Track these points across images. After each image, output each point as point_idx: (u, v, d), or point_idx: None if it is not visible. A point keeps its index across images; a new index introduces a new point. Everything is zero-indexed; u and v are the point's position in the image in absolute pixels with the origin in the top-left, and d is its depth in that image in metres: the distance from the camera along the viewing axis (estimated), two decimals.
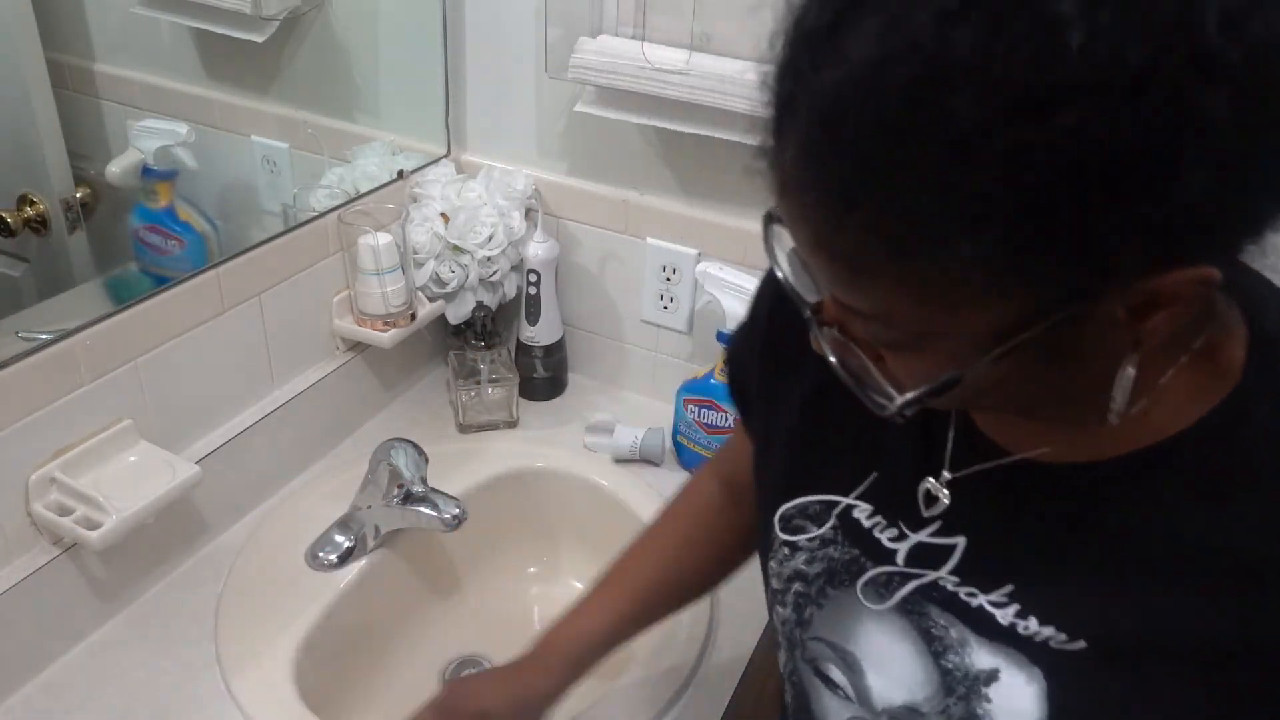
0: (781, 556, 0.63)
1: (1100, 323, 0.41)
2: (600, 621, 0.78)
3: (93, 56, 1.03)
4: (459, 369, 1.21)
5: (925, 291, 0.40)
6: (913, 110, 0.36)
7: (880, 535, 0.58)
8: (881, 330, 0.44)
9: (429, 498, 0.96)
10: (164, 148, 1.04)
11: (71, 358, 0.84)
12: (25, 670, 0.86)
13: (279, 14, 1.08)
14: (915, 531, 0.56)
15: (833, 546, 0.60)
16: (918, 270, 0.39)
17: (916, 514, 0.56)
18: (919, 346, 0.44)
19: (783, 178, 0.42)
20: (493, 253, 1.16)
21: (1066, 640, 0.49)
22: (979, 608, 0.52)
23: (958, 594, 0.53)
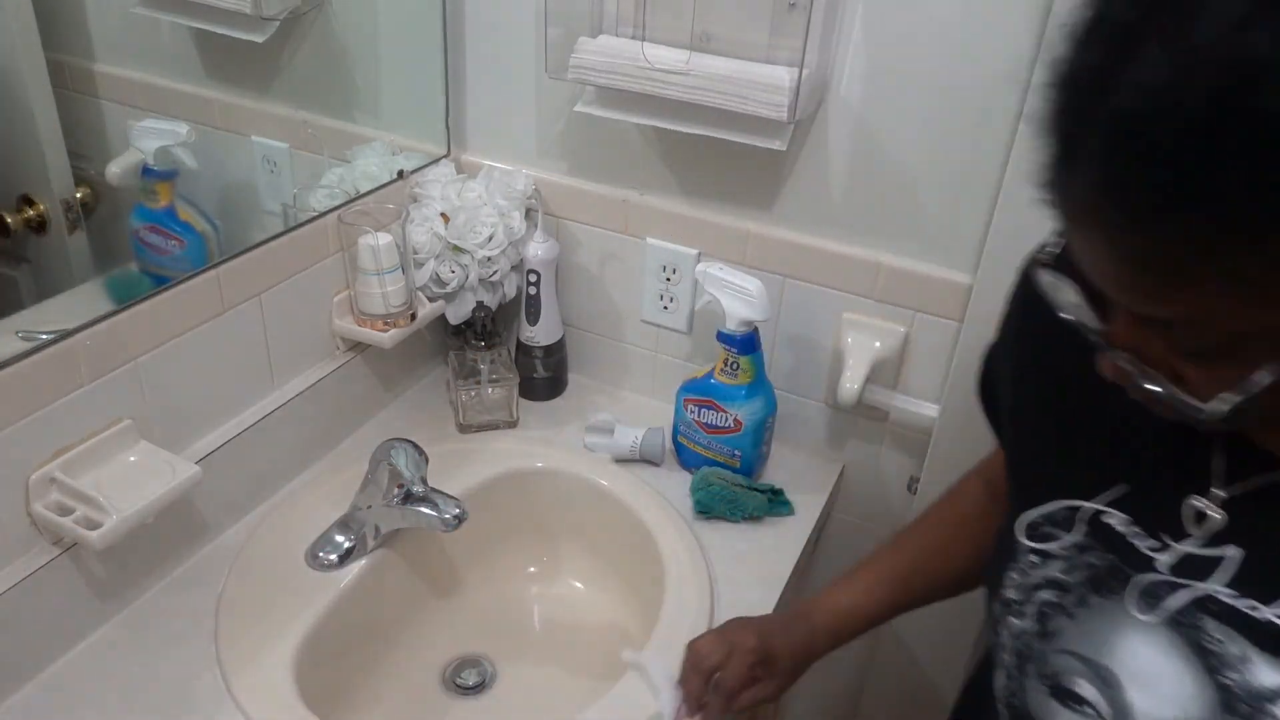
0: (1027, 564, 0.62)
1: None
2: (859, 601, 0.83)
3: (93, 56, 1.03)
4: (459, 369, 1.21)
5: (1243, 289, 0.40)
6: (1221, 114, 0.37)
7: (1137, 543, 0.57)
8: (1190, 338, 0.44)
9: (429, 498, 0.96)
10: (164, 148, 1.04)
11: (71, 358, 0.84)
12: (25, 670, 0.86)
13: (279, 14, 1.08)
14: (1178, 542, 0.55)
15: (1090, 553, 0.59)
16: (1236, 268, 0.39)
17: (1179, 528, 0.55)
18: (1230, 351, 0.43)
19: (1076, 208, 0.43)
20: (493, 253, 1.16)
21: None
22: (1266, 621, 0.51)
23: (1237, 607, 0.52)
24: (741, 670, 0.80)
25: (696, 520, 1.10)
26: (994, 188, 0.97)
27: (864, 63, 0.99)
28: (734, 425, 1.11)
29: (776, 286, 1.13)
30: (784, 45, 0.97)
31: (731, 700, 0.80)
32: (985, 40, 0.92)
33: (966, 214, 1.00)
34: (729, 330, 1.07)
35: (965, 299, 1.02)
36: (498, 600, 1.13)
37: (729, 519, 1.09)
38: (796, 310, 1.14)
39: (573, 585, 1.15)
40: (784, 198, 1.09)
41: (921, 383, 1.11)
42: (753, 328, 1.07)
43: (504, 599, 1.14)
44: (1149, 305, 0.44)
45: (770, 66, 0.96)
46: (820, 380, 1.18)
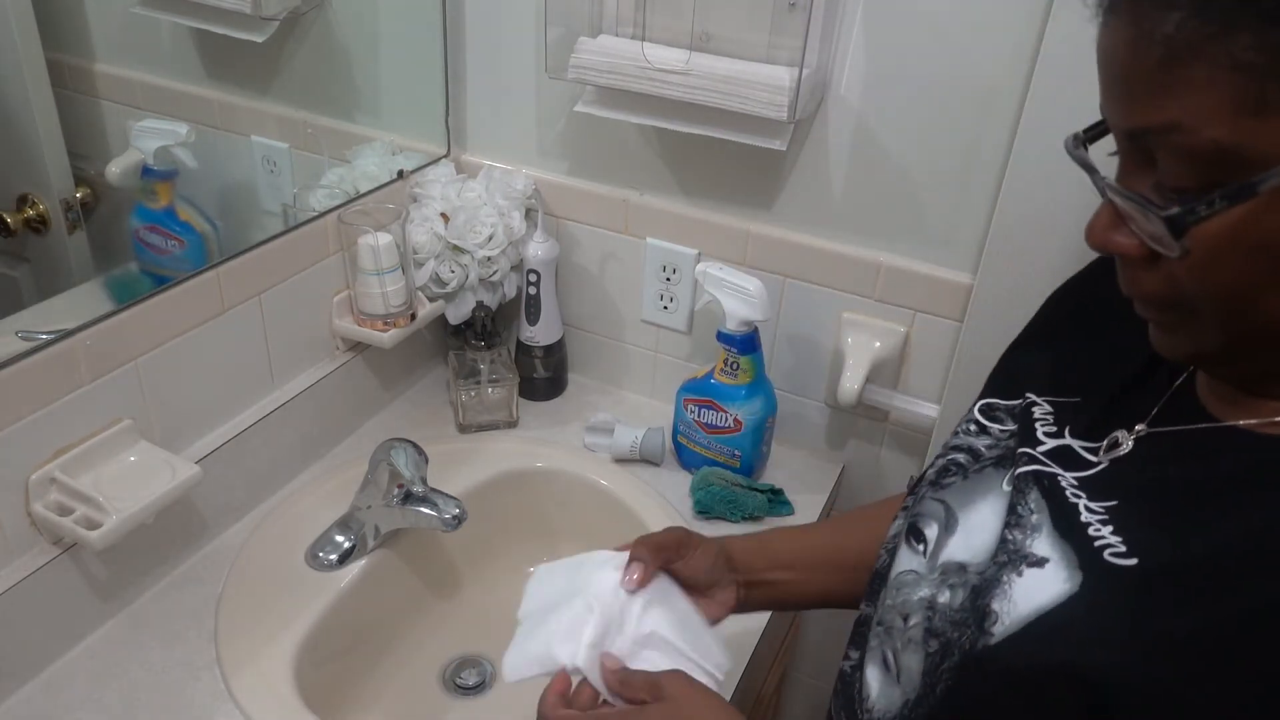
0: (963, 431, 0.66)
1: None
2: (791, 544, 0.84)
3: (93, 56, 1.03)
4: (459, 369, 1.21)
5: (1239, 82, 0.40)
6: None
7: (1039, 428, 0.60)
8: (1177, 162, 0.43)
9: (429, 498, 0.96)
10: (164, 148, 1.04)
11: (71, 358, 0.84)
12: (25, 670, 0.86)
13: (279, 14, 1.08)
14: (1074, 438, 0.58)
15: (1013, 438, 0.62)
16: (1238, 48, 0.39)
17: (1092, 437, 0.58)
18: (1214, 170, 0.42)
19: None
20: (493, 253, 1.16)
21: (1124, 554, 0.50)
22: (1074, 505, 0.54)
23: (1066, 490, 0.55)
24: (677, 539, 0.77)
25: (696, 520, 1.10)
26: (994, 187, 0.97)
27: (864, 62, 0.99)
28: (734, 425, 1.11)
29: (776, 286, 1.13)
30: (784, 45, 0.97)
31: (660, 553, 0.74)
32: (985, 39, 0.92)
33: (967, 213, 1.00)
34: (729, 330, 1.07)
35: (965, 299, 1.02)
36: (498, 600, 1.13)
37: (729, 519, 1.09)
38: (796, 310, 1.14)
39: None
40: (784, 197, 1.09)
41: (922, 383, 1.11)
42: (753, 328, 1.07)
43: (504, 599, 1.13)
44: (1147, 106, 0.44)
45: (770, 66, 0.96)
46: (820, 380, 1.17)
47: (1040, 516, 0.55)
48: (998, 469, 0.61)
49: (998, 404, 0.67)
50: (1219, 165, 0.42)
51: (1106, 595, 0.49)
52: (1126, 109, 0.45)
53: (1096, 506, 0.53)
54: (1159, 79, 0.43)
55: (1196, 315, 0.48)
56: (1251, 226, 0.43)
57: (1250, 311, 0.46)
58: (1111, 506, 0.53)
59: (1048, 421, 0.61)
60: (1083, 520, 0.53)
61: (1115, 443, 0.56)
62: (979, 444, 0.65)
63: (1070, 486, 0.55)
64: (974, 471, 0.63)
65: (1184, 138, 0.42)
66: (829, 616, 1.33)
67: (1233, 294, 0.46)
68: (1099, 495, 0.54)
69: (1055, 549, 0.53)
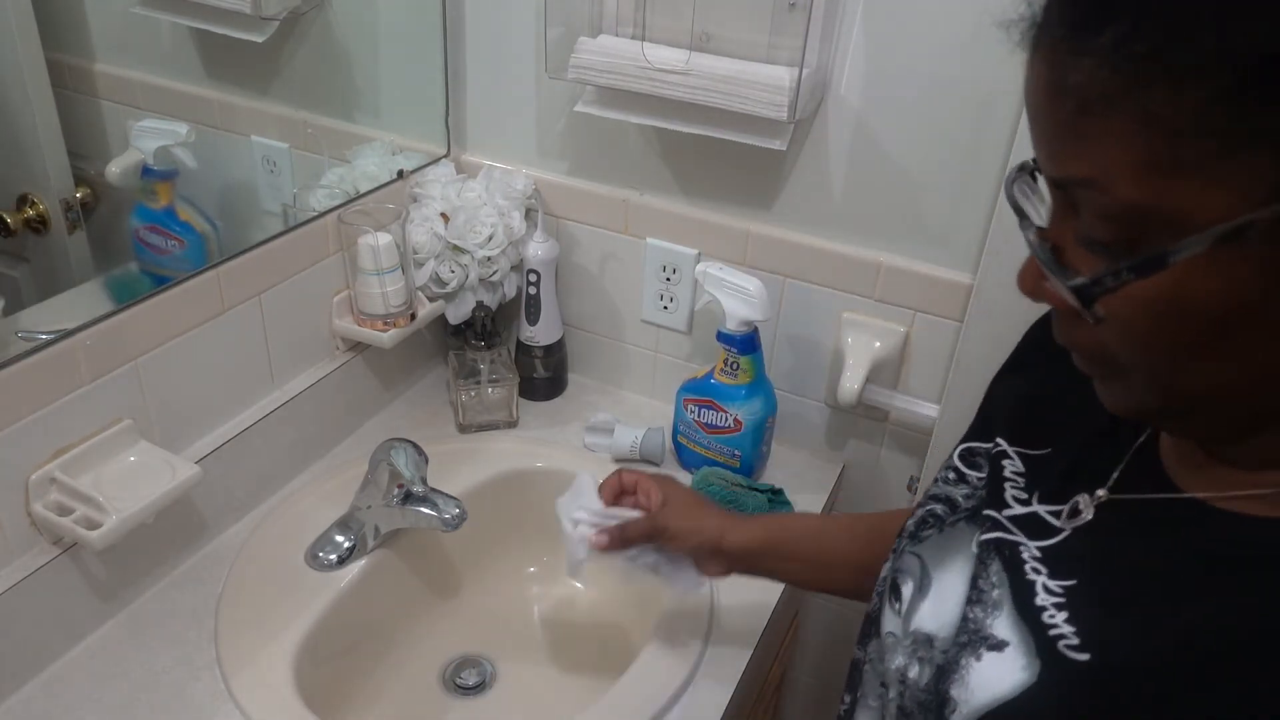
0: (943, 479, 0.65)
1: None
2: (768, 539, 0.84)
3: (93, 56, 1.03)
4: (459, 369, 1.21)
5: (1153, 141, 0.38)
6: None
7: (1009, 488, 0.59)
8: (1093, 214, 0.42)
9: (429, 498, 0.96)
10: (164, 148, 1.04)
11: (71, 358, 0.84)
12: (25, 670, 0.86)
13: (279, 14, 1.08)
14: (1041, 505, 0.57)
15: (980, 493, 0.61)
16: (1153, 101, 0.37)
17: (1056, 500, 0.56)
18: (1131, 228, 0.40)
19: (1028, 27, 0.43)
20: (493, 253, 1.16)
21: (1077, 648, 0.48)
22: (1031, 583, 0.52)
23: (1026, 564, 0.53)
24: None
25: None
26: (994, 187, 0.97)
27: (863, 62, 0.99)
28: (734, 425, 1.11)
29: (776, 286, 1.13)
30: (783, 45, 0.97)
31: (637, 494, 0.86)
32: (984, 40, 0.92)
33: (966, 213, 1.00)
34: (729, 330, 1.07)
35: (965, 299, 1.02)
36: (498, 600, 1.13)
37: None
38: (796, 310, 1.14)
39: (573, 585, 1.15)
40: (784, 197, 1.09)
41: (922, 383, 1.11)
42: (753, 327, 1.07)
43: (504, 599, 1.14)
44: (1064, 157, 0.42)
45: (770, 66, 0.96)
46: (820, 380, 1.17)
47: (1001, 592, 0.53)
48: (970, 524, 0.60)
49: (977, 448, 0.65)
50: (1135, 224, 0.40)
51: (1063, 690, 0.47)
52: (1047, 156, 0.43)
53: (1055, 586, 0.51)
54: (1073, 129, 0.41)
55: (1128, 374, 0.46)
56: (1169, 294, 0.41)
57: (1183, 375, 0.44)
58: (1069, 587, 0.51)
59: (1018, 483, 0.59)
60: (1038, 604, 0.51)
61: (1076, 509, 0.55)
62: (956, 494, 0.63)
63: (1032, 559, 0.54)
64: (949, 525, 0.61)
65: (1098, 194, 0.41)
66: (829, 617, 1.33)
67: (1160, 357, 0.44)
68: (1059, 572, 0.52)
69: (1015, 632, 0.51)
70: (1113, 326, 0.43)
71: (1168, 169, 0.38)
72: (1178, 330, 0.42)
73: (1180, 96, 0.37)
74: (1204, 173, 0.38)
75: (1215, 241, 0.38)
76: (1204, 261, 0.39)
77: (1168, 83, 0.37)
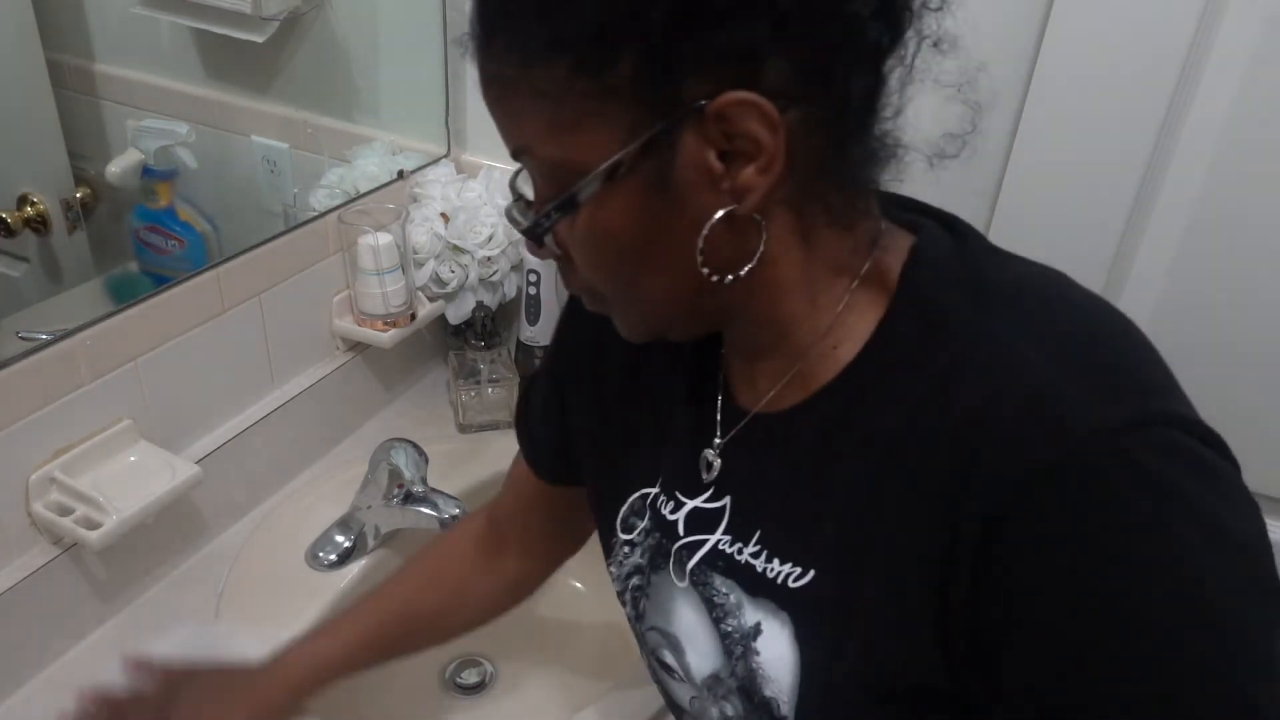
0: (621, 556, 0.66)
1: (690, 157, 0.46)
2: (333, 650, 0.78)
3: (93, 56, 1.03)
4: (459, 369, 1.21)
5: (546, 106, 0.47)
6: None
7: (664, 511, 0.61)
8: (533, 165, 0.50)
9: (429, 498, 0.96)
10: (164, 148, 1.04)
11: (71, 358, 0.84)
12: (26, 670, 0.86)
13: (279, 14, 1.08)
14: (690, 499, 0.60)
15: (651, 535, 0.63)
16: (538, 79, 0.46)
17: (696, 483, 0.60)
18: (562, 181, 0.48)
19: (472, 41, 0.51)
20: (493, 253, 1.16)
21: (800, 575, 0.53)
22: (745, 563, 0.56)
23: (732, 555, 0.56)
24: None
25: None
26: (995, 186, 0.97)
27: None
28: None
29: None
30: None
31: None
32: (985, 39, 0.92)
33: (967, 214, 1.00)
34: None
35: None
36: None
37: None
38: None
39: (573, 585, 1.15)
40: None
41: None
42: None
43: None
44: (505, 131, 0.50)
45: None
46: None
47: (734, 591, 0.56)
48: (657, 571, 0.62)
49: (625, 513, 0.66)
50: (559, 177, 0.48)
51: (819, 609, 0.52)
52: (501, 135, 0.51)
53: (752, 548, 0.55)
54: (501, 109, 0.50)
55: (611, 302, 0.55)
56: (595, 226, 0.49)
57: (639, 289, 0.52)
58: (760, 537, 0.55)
59: (662, 500, 0.62)
60: (749, 566, 0.55)
61: (709, 464, 0.59)
62: (637, 560, 0.64)
63: (726, 544, 0.57)
64: (649, 586, 0.63)
65: (530, 158, 0.50)
66: None
67: (616, 279, 0.52)
68: (744, 535, 0.56)
69: (758, 607, 0.55)
70: (579, 261, 0.52)
71: (563, 129, 0.47)
72: (613, 254, 0.50)
73: (552, 71, 0.45)
74: (585, 127, 0.46)
75: (604, 179, 0.47)
76: (604, 197, 0.47)
77: (542, 63, 0.46)
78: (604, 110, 0.45)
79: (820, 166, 0.48)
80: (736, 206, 0.47)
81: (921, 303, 0.51)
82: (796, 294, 0.52)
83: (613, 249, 0.50)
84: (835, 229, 0.51)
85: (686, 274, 0.50)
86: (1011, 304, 0.50)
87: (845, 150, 0.49)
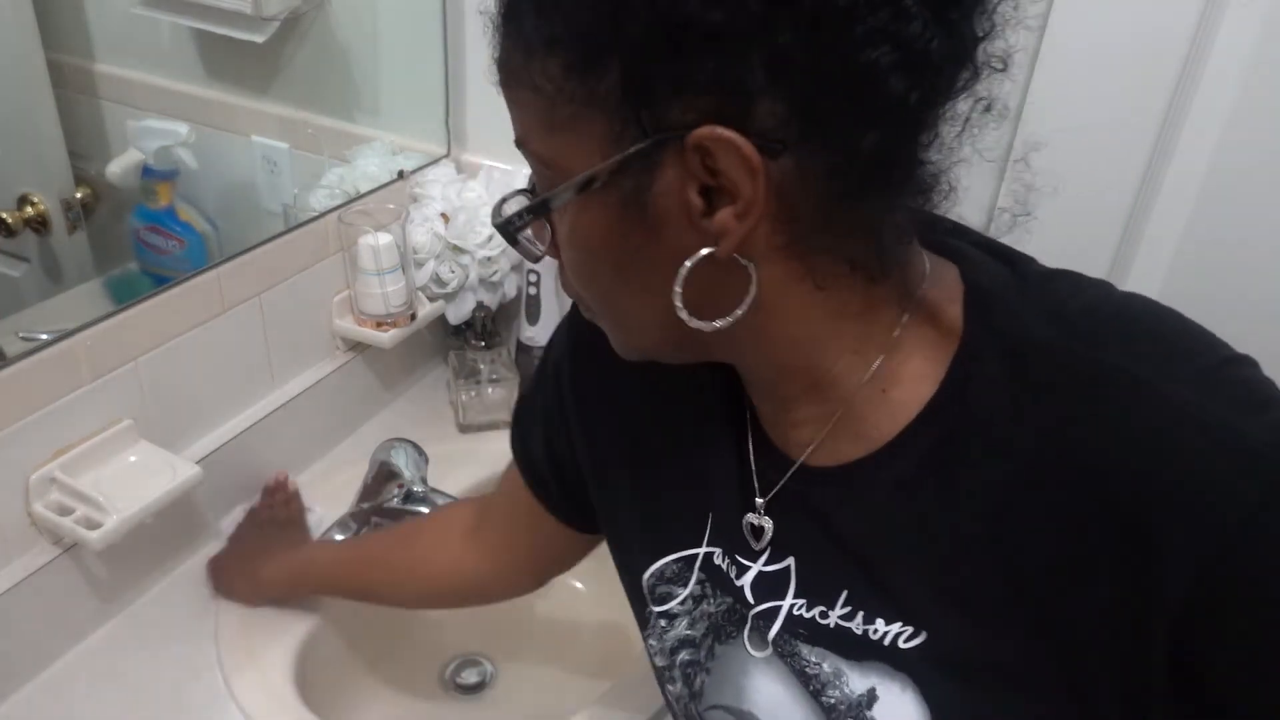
0: (660, 630, 0.61)
1: (668, 186, 0.43)
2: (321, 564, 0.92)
3: (93, 56, 1.03)
4: (459, 369, 1.21)
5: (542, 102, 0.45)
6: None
7: (731, 575, 0.56)
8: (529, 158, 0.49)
9: (429, 498, 0.96)
10: (164, 148, 1.04)
11: (71, 358, 0.84)
12: (25, 670, 0.86)
13: (279, 14, 1.08)
14: (751, 562, 0.55)
15: (707, 601, 0.58)
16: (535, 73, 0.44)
17: (746, 546, 0.55)
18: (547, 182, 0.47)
19: None
20: (493, 253, 1.16)
21: (912, 635, 0.49)
22: (834, 627, 0.51)
23: (814, 619, 0.52)
24: None
25: None
26: (994, 187, 0.97)
27: None
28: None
29: None
30: None
31: None
32: None
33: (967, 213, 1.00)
34: None
35: None
36: None
37: None
38: None
39: (573, 585, 1.15)
40: None
41: None
42: None
43: None
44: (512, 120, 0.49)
45: None
46: None
47: (827, 659, 0.52)
48: (724, 643, 0.57)
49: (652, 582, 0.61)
50: (550, 177, 0.47)
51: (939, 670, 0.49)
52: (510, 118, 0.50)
53: (840, 611, 0.51)
54: (508, 94, 0.48)
55: (598, 314, 0.52)
56: (572, 235, 0.47)
57: (619, 313, 0.51)
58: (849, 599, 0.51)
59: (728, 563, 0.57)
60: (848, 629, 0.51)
61: (756, 528, 0.55)
62: (684, 632, 0.59)
63: (803, 609, 0.53)
64: (709, 660, 0.58)
65: (527, 151, 0.48)
66: None
67: (596, 295, 0.50)
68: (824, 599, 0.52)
69: (866, 672, 0.51)
70: (566, 266, 0.50)
71: (555, 128, 0.45)
72: (591, 268, 0.49)
73: (548, 68, 0.44)
74: (573, 131, 0.44)
75: (577, 190, 0.45)
76: (580, 206, 0.46)
77: (540, 58, 0.44)
78: (590, 117, 0.43)
79: (826, 219, 0.44)
80: (715, 250, 0.44)
81: (1000, 339, 0.46)
82: (819, 339, 0.48)
83: (591, 262, 0.48)
84: (860, 280, 0.47)
85: (666, 307, 0.46)
86: (1106, 326, 0.46)
87: (861, 203, 0.44)
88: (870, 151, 0.42)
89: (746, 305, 0.45)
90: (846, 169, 0.42)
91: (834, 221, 0.44)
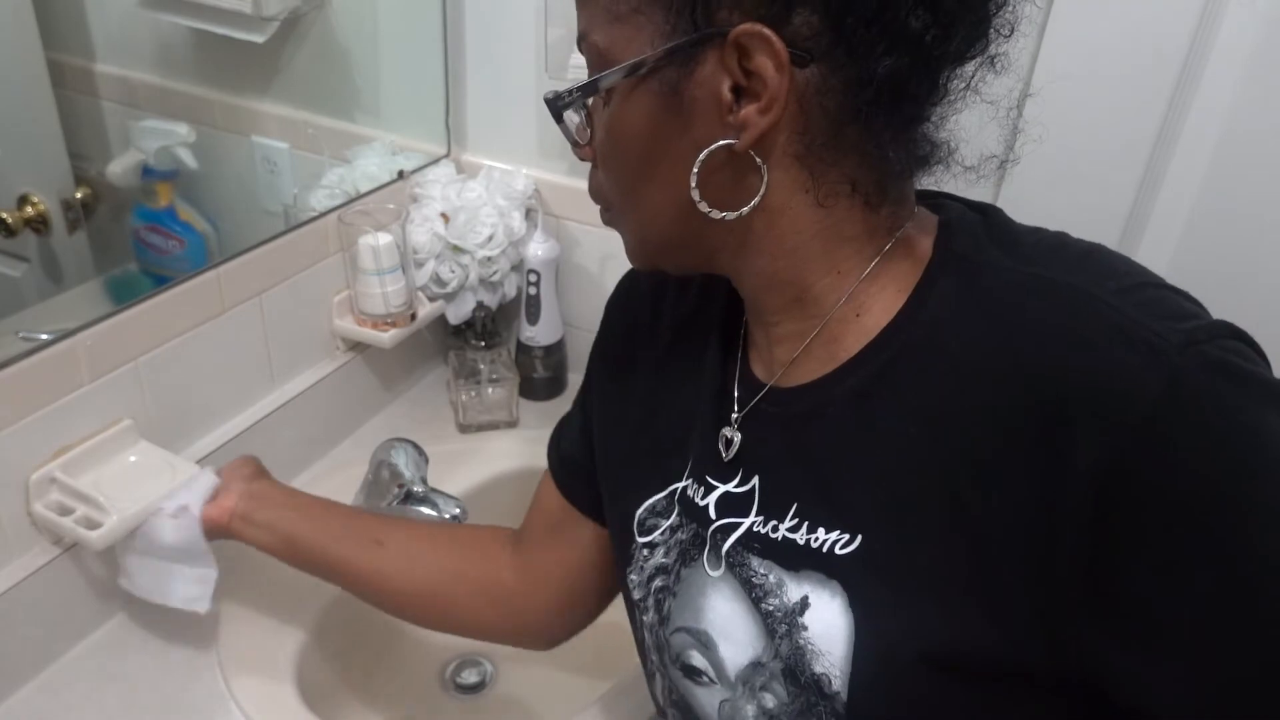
0: (641, 560, 0.64)
1: (705, 78, 0.48)
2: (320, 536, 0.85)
3: (93, 56, 1.03)
4: (459, 369, 1.21)
5: None
6: None
7: (696, 498, 0.60)
8: (588, 52, 0.53)
9: (429, 498, 0.96)
10: (164, 148, 1.04)
11: (72, 358, 0.84)
12: (26, 670, 0.86)
13: (279, 14, 1.08)
14: (720, 483, 0.59)
15: (682, 530, 0.61)
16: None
17: (720, 464, 0.59)
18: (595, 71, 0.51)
19: None
20: (493, 253, 1.16)
21: (848, 541, 0.52)
22: (782, 539, 0.55)
23: (767, 534, 0.56)
24: None
25: None
26: (994, 186, 0.97)
27: None
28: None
29: None
30: None
31: None
32: None
33: None
34: None
35: None
36: None
37: None
38: None
39: None
40: None
41: None
42: None
43: None
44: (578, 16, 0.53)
45: None
46: None
47: (772, 570, 0.55)
48: (688, 566, 0.60)
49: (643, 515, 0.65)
50: (601, 67, 0.51)
51: (870, 574, 0.51)
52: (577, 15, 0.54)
53: (789, 523, 0.55)
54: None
55: (615, 213, 0.57)
56: (614, 120, 0.52)
57: (637, 205, 0.55)
58: (797, 510, 0.54)
59: (693, 487, 0.61)
60: (790, 539, 0.54)
61: (728, 441, 0.59)
62: (661, 560, 0.62)
63: (760, 525, 0.56)
64: (676, 584, 0.61)
65: (587, 44, 0.52)
66: None
67: (619, 187, 0.55)
68: (778, 513, 0.55)
69: (802, 583, 0.53)
70: (599, 159, 0.55)
71: (615, 18, 0.50)
72: (621, 157, 0.53)
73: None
74: (630, 23, 0.49)
75: (625, 74, 0.50)
76: (625, 92, 0.50)
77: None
78: (650, 12, 0.48)
79: (837, 134, 0.48)
80: (735, 141, 0.48)
81: (958, 260, 0.51)
82: (809, 254, 0.52)
83: (621, 151, 0.53)
84: (859, 204, 0.51)
85: (682, 197, 0.51)
86: (1054, 253, 0.51)
87: (868, 126, 0.48)
88: (884, 76, 0.46)
89: (754, 204, 0.50)
90: (859, 89, 0.47)
91: (843, 138, 0.49)
